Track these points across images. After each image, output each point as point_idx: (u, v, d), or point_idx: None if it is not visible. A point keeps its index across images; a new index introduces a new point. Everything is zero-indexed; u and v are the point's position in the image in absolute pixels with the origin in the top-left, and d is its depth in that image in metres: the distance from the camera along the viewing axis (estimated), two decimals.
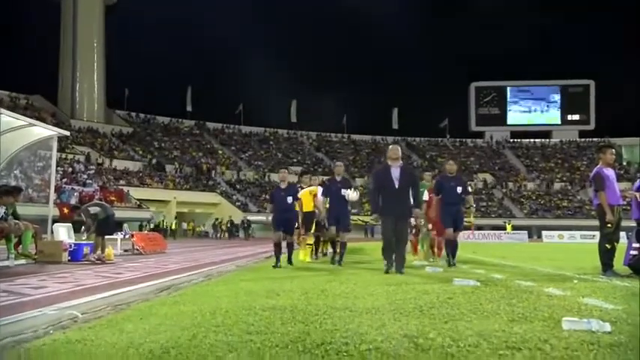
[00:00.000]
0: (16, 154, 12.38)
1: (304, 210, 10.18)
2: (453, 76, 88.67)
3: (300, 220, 9.98)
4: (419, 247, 11.45)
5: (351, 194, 8.99)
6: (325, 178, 17.64)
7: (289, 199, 9.02)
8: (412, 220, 9.44)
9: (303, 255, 10.53)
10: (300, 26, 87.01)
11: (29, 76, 73.71)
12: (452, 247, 8.89)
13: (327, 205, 9.62)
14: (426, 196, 10.75)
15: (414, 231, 11.01)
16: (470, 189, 9.53)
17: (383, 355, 2.50)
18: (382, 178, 7.54)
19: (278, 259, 8.88)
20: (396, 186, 7.37)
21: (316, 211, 10.30)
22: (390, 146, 7.81)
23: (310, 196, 10.48)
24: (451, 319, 3.49)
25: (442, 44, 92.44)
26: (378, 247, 8.34)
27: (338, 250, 9.47)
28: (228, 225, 42.63)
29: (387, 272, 7.15)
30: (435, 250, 10.64)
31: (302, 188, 10.66)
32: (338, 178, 9.48)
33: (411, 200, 7.55)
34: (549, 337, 2.88)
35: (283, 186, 9.26)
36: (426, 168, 50.59)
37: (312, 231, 10.62)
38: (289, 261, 9.15)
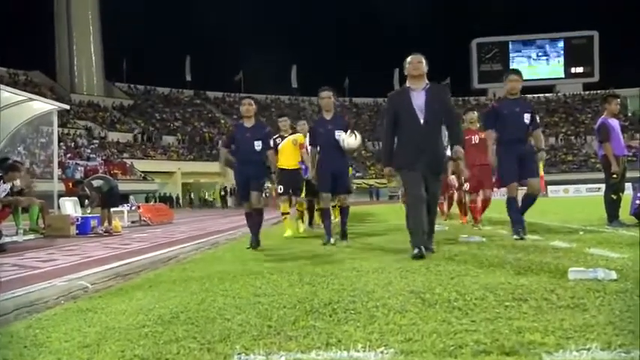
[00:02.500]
0: (18, 130, 12.38)
1: (283, 166, 7.80)
2: (453, 34, 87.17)
3: (280, 179, 7.86)
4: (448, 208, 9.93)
5: (349, 139, 6.17)
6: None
7: (257, 145, 6.25)
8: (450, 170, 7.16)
9: (289, 228, 8.01)
10: None
11: (27, 52, 72.92)
12: (523, 206, 6.09)
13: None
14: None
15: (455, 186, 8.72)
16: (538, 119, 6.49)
17: (390, 310, 2.52)
18: (399, 110, 4.85)
19: (255, 236, 6.26)
20: (421, 120, 4.72)
21: (302, 168, 8.00)
22: (409, 57, 4.93)
23: (295, 148, 8.04)
24: (457, 274, 3.50)
25: (442, 1, 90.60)
26: (390, 210, 7.98)
27: (336, 220, 7.39)
28: (222, 193, 42.45)
29: (418, 257, 4.36)
30: (463, 214, 8.95)
31: (282, 138, 8.18)
32: (328, 116, 6.48)
33: (444, 142, 5.15)
34: (555, 287, 2.89)
35: (249, 124, 6.39)
36: None
37: (303, 196, 8.33)
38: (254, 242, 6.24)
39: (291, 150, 8.05)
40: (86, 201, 11.35)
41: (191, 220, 17.28)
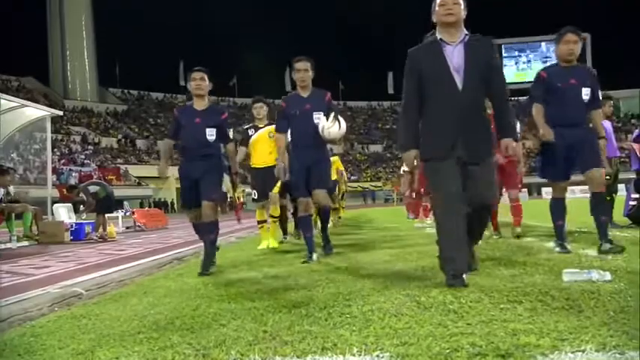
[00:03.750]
0: (11, 136, 12.34)
1: (258, 164, 6.47)
2: None
3: (253, 182, 6.62)
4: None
5: (331, 127, 4.85)
6: None
7: (210, 134, 4.74)
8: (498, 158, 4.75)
9: (265, 239, 6.58)
10: None
11: (20, 58, 72.73)
12: (596, 211, 4.63)
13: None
14: None
15: None
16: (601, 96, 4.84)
17: (385, 314, 2.52)
18: (427, 72, 3.38)
19: (208, 259, 4.71)
20: (459, 86, 3.29)
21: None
22: None
23: (272, 142, 6.23)
24: None
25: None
26: (389, 214, 7.75)
27: (318, 227, 5.89)
28: None
29: (455, 284, 3.09)
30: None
31: (256, 129, 6.62)
32: (304, 93, 5.08)
33: (487, 117, 3.47)
34: (550, 289, 2.90)
35: (199, 106, 4.84)
36: None
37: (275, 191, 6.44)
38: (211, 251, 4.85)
39: (267, 144, 6.38)
40: (81, 207, 11.31)
41: (186, 225, 17.22)
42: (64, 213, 11.72)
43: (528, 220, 6.26)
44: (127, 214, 14.92)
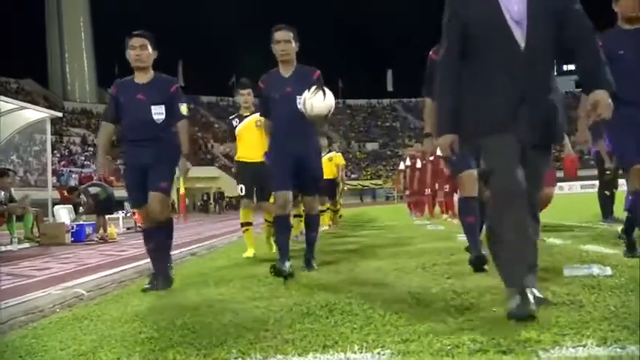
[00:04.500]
0: (11, 138, 12.35)
1: (245, 159, 5.65)
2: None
3: (239, 178, 5.74)
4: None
5: (312, 98, 3.97)
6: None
7: (156, 112, 3.89)
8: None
9: (252, 246, 5.73)
10: None
11: (18, 60, 72.77)
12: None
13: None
14: None
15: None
16: None
17: (386, 311, 2.52)
18: (475, 23, 2.46)
19: (160, 270, 3.92)
20: (521, 43, 2.38)
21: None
22: None
23: (260, 131, 5.12)
24: (453, 274, 3.51)
25: (434, 1, 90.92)
26: (390, 212, 7.67)
27: (301, 236, 5.49)
28: (204, 199, 41.93)
29: (523, 317, 2.15)
30: None
31: (240, 118, 5.77)
32: (286, 72, 4.26)
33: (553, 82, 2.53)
34: (551, 284, 2.89)
35: (142, 78, 3.98)
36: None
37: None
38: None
39: (255, 135, 5.46)
40: (81, 208, 11.31)
41: (184, 225, 17.22)
42: (64, 214, 11.71)
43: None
44: (128, 214, 14.90)
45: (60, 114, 14.52)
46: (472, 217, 3.80)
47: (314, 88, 3.96)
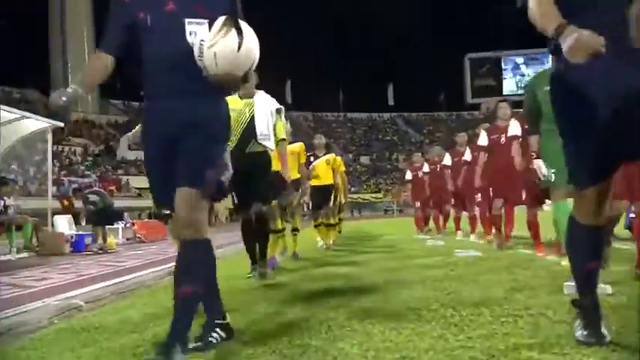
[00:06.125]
0: (12, 148, 12.35)
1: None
2: (447, 49, 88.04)
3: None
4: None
5: (212, 37, 2.04)
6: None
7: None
8: None
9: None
10: (291, 3, 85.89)
11: (21, 70, 73.10)
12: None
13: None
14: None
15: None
16: None
17: (386, 327, 2.51)
18: None
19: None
20: None
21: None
22: None
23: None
24: (453, 290, 3.50)
25: (435, 16, 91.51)
26: (392, 226, 7.40)
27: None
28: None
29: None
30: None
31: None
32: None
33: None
34: (551, 302, 2.89)
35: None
36: (425, 143, 50.25)
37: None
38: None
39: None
40: (81, 216, 11.30)
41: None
42: (63, 224, 11.69)
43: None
44: (127, 225, 14.90)
45: (61, 124, 14.52)
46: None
47: (223, 21, 2.09)
